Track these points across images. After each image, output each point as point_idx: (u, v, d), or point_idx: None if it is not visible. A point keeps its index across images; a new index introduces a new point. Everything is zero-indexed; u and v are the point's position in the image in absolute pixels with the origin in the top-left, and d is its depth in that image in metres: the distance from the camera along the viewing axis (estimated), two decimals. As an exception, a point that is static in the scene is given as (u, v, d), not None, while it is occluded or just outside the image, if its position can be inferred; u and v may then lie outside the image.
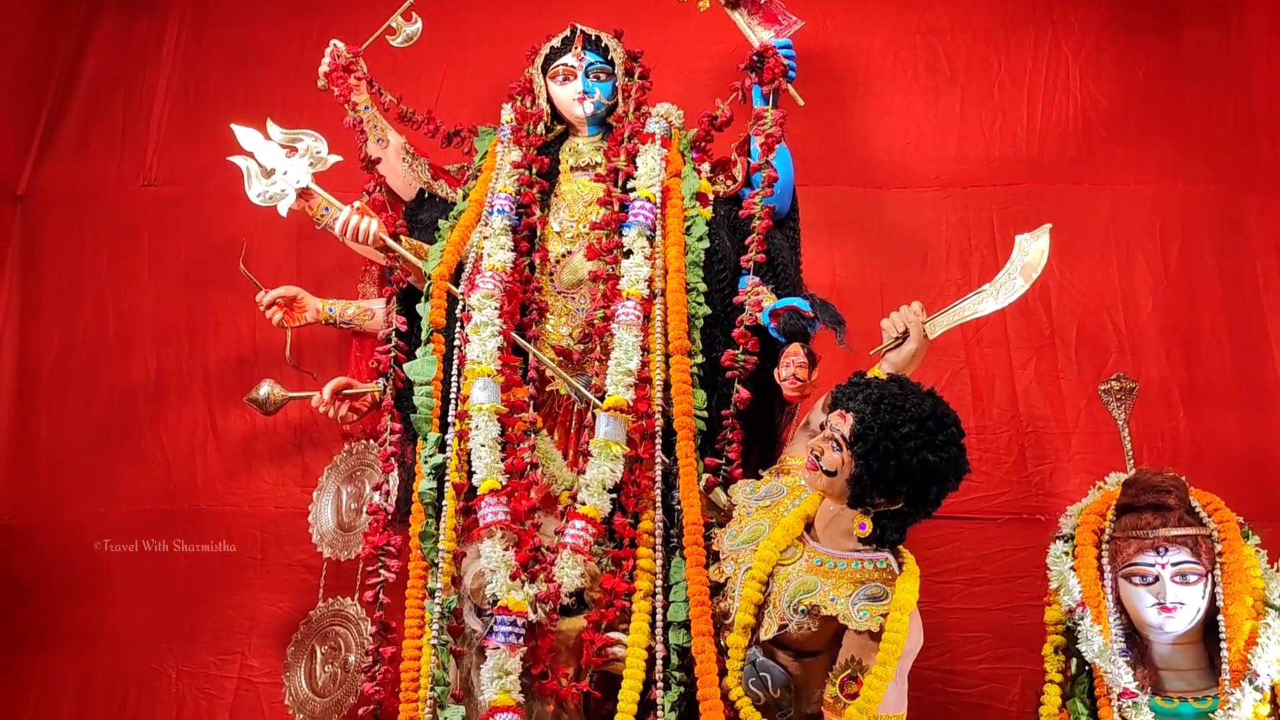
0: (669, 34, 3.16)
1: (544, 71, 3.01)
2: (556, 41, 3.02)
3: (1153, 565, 2.36)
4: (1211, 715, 2.29)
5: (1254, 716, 2.27)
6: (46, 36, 3.59)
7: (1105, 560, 2.43)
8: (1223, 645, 2.31)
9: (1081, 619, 2.39)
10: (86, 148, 3.57)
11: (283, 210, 2.84)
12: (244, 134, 2.85)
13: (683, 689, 2.41)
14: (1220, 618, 2.33)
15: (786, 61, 2.89)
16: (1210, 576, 2.37)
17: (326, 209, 2.84)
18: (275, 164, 2.87)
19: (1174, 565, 2.35)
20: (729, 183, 2.96)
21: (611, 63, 2.99)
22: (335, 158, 2.89)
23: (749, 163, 2.90)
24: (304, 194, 2.84)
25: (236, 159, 2.85)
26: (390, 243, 2.79)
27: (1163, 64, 3.48)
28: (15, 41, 3.46)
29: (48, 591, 3.25)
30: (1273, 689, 2.29)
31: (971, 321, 2.68)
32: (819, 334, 2.71)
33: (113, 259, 3.49)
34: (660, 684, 2.40)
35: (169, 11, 3.69)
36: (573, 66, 2.96)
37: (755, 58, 2.91)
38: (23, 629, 3.22)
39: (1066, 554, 2.48)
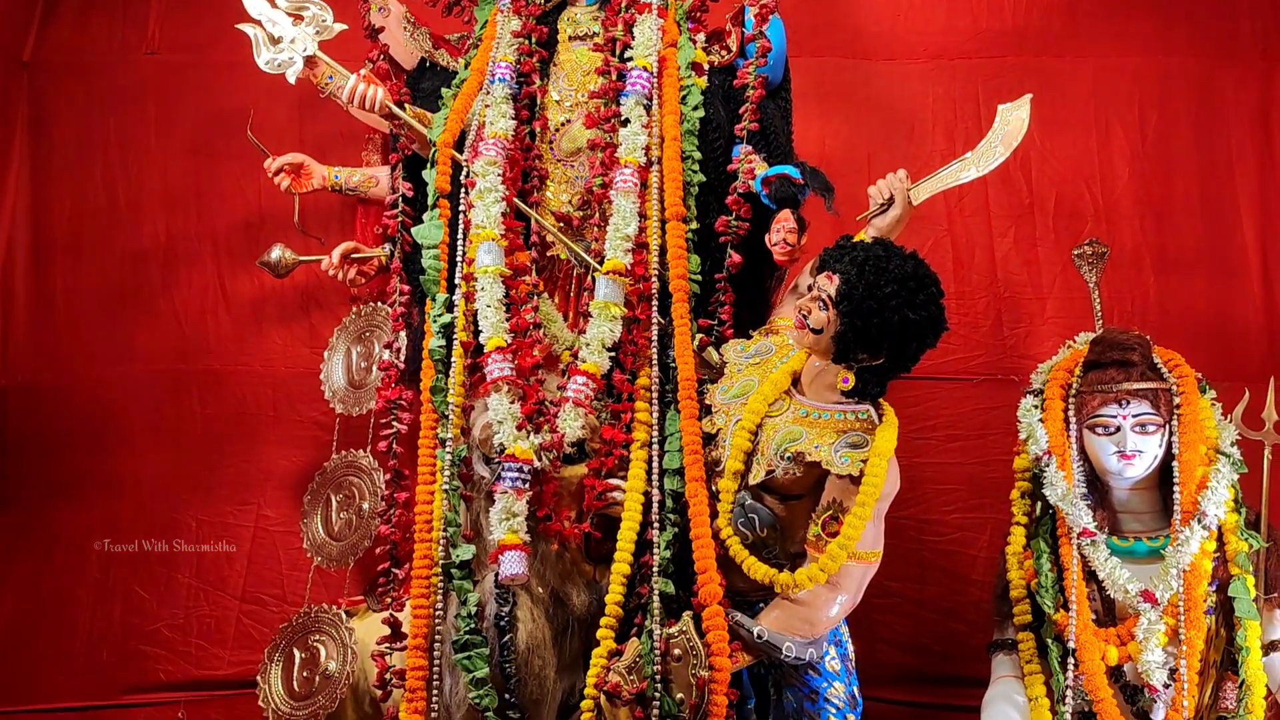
0: None
1: None
2: None
3: (1115, 416, 2.46)
4: (1163, 552, 2.39)
5: (1200, 552, 2.37)
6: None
7: (1071, 412, 2.52)
8: (1176, 489, 2.41)
9: (1047, 466, 2.49)
10: (89, 16, 3.53)
11: (291, 78, 2.83)
12: (252, 4, 2.83)
13: (676, 530, 2.48)
14: (1175, 464, 2.43)
15: None
16: (1168, 427, 2.46)
17: (331, 77, 2.86)
18: (282, 32, 2.83)
19: (1134, 416, 2.45)
20: (723, 53, 2.96)
21: None
22: (340, 26, 2.86)
23: (743, 33, 2.91)
24: (310, 62, 2.82)
25: (244, 26, 2.82)
26: (395, 110, 2.79)
27: None
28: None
29: (72, 446, 3.31)
30: (1219, 528, 2.40)
31: (954, 189, 2.74)
32: (808, 201, 2.75)
33: (120, 126, 3.47)
34: (656, 525, 2.48)
35: None
36: None
37: None
38: (50, 481, 3.29)
39: (1036, 407, 2.57)
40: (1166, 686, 2.36)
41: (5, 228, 3.44)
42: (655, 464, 2.54)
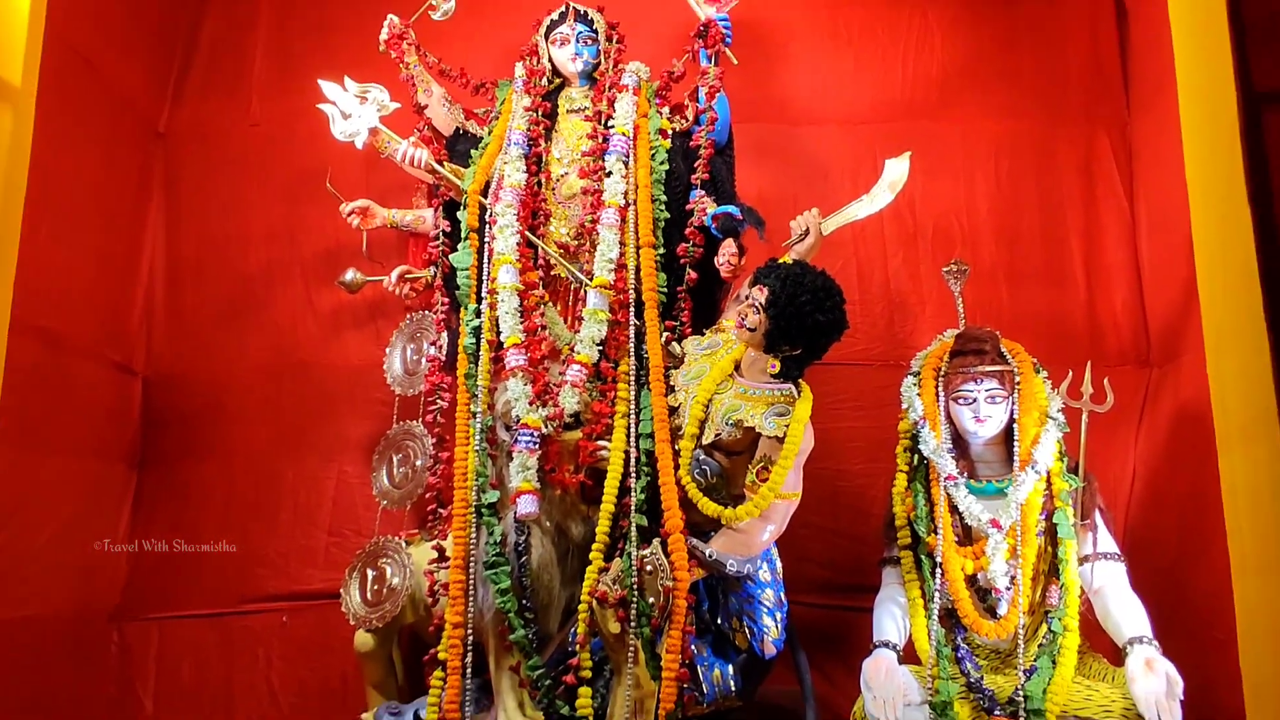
0: (638, 9, 3.13)
1: (546, 38, 2.98)
2: (555, 15, 2.99)
3: (972, 391, 2.47)
4: (1006, 491, 2.41)
5: (1033, 490, 2.40)
6: (172, 12, 3.54)
7: (940, 388, 2.51)
8: (1016, 444, 2.44)
9: (922, 428, 2.49)
10: (207, 97, 3.53)
11: (358, 144, 2.85)
12: (328, 87, 2.86)
13: (648, 478, 2.52)
14: (1016, 426, 2.46)
15: (724, 31, 2.90)
16: (1011, 399, 2.47)
17: (389, 143, 2.85)
18: (351, 110, 2.85)
19: (986, 391, 2.46)
20: (683, 121, 2.96)
21: (596, 31, 2.97)
22: (395, 104, 2.88)
23: (697, 106, 2.92)
24: (373, 132, 2.84)
25: (323, 106, 2.85)
26: (437, 167, 2.82)
27: (1002, 31, 3.44)
28: (150, 16, 3.43)
29: (198, 421, 3.32)
30: (1047, 475, 2.43)
31: (855, 222, 2.76)
32: (747, 232, 2.78)
33: (230, 180, 3.47)
34: (633, 475, 2.51)
35: None
36: (567, 34, 2.94)
37: (701, 28, 2.92)
38: (182, 447, 3.31)
39: (915, 384, 2.55)
40: (1008, 589, 2.40)
41: (147, 258, 3.44)
42: (633, 430, 2.57)
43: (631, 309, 2.69)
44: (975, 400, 2.49)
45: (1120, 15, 3.41)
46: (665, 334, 2.73)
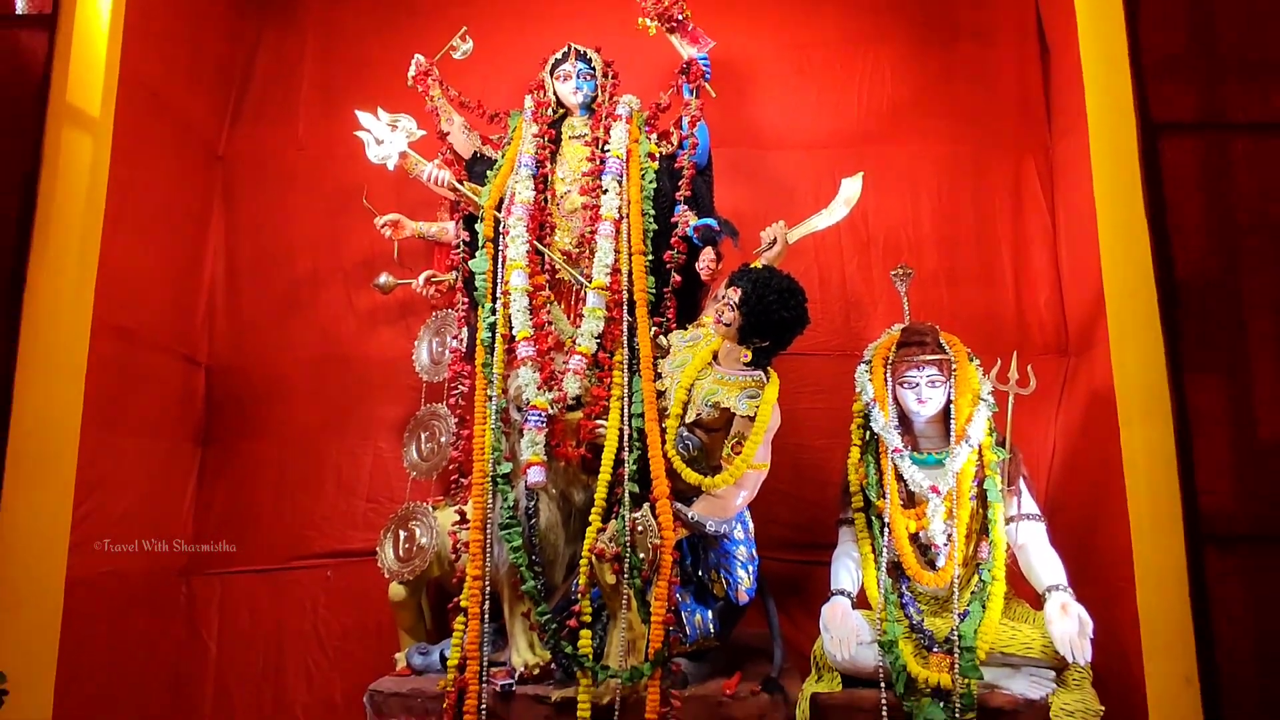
0: (630, 49, 3.10)
1: (551, 74, 2.98)
2: (559, 55, 2.98)
3: (915, 377, 2.49)
4: (944, 462, 2.44)
5: (967, 461, 2.44)
6: (229, 52, 3.55)
7: (888, 374, 2.54)
8: (953, 422, 2.48)
9: (873, 408, 2.53)
10: (259, 125, 3.52)
11: (390, 166, 2.84)
12: (364, 117, 2.85)
13: (640, 451, 2.52)
14: (952, 406, 2.49)
15: (704, 68, 2.90)
16: (949, 383, 2.50)
17: (417, 165, 2.85)
18: (383, 136, 2.84)
19: (928, 376, 2.49)
20: (669, 146, 2.94)
21: (594, 69, 2.97)
22: (421, 132, 2.87)
23: (681, 133, 2.91)
24: (403, 155, 2.83)
25: (360, 133, 2.84)
26: (457, 185, 2.81)
27: (943, 68, 3.43)
28: (210, 55, 3.43)
29: (255, 404, 3.32)
30: (978, 448, 2.46)
31: (817, 233, 2.77)
32: (724, 241, 2.79)
33: (280, 197, 3.46)
34: (627, 449, 2.52)
35: (307, 32, 3.58)
36: (569, 71, 2.94)
37: (684, 65, 2.92)
38: (240, 426, 3.31)
39: (866, 371, 2.58)
40: (945, 545, 2.43)
41: (209, 264, 3.44)
42: (626, 410, 2.58)
43: (625, 307, 2.70)
44: (918, 385, 2.51)
45: (1044, 55, 3.40)
46: (654, 329, 2.73)
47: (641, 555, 2.41)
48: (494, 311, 2.70)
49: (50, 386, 2.13)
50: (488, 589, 2.50)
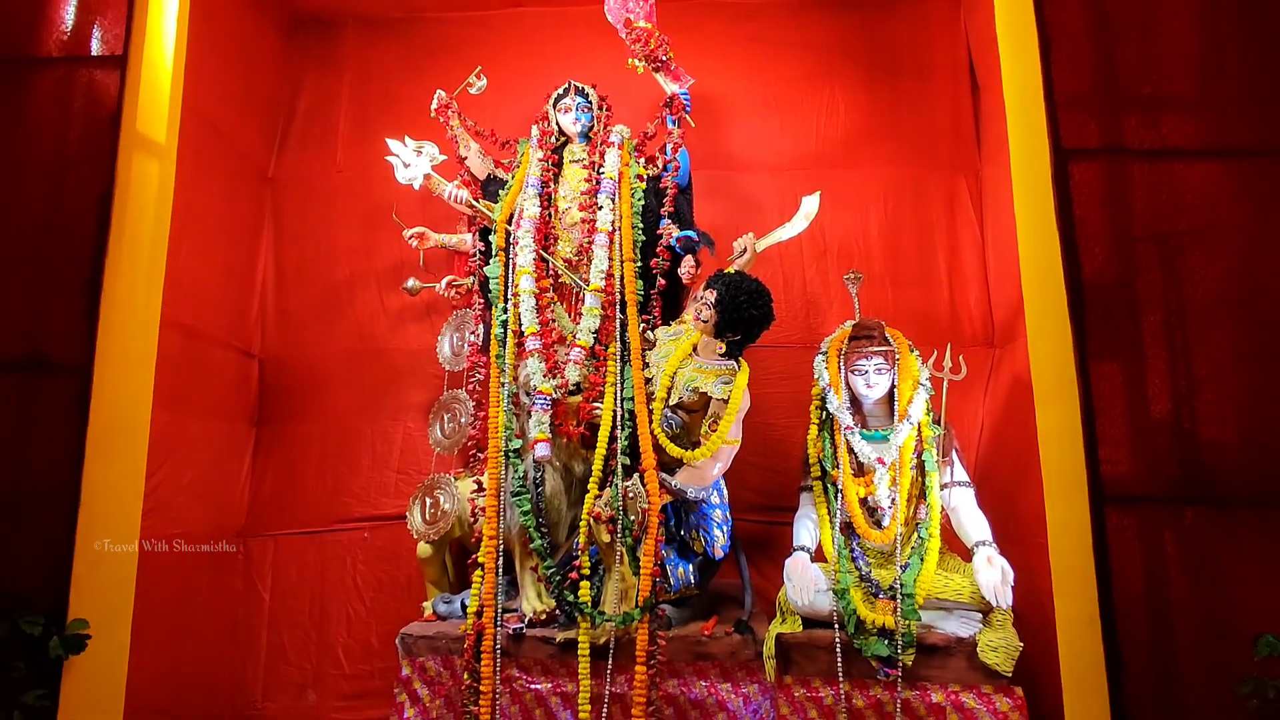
0: (621, 85, 3.07)
1: (554, 107, 2.95)
2: (560, 90, 2.95)
3: (864, 365, 2.50)
4: (889, 437, 2.43)
5: (908, 436, 2.44)
6: (277, 86, 3.52)
7: (842, 363, 2.53)
8: (896, 404, 2.47)
9: (828, 391, 2.52)
10: (304, 149, 3.49)
11: (416, 186, 2.85)
12: (393, 144, 2.86)
13: (631, 429, 2.51)
14: (896, 391, 2.49)
15: (685, 102, 2.87)
16: (893, 371, 2.49)
17: (439, 185, 2.85)
18: (410, 160, 2.86)
19: (875, 365, 2.49)
20: (654, 168, 2.91)
21: (591, 102, 2.94)
22: (443, 157, 2.89)
23: (665, 158, 2.89)
24: (426, 177, 2.84)
25: (389, 158, 2.85)
26: (474, 203, 2.82)
27: (888, 102, 3.41)
28: (261, 90, 3.42)
29: (301, 391, 3.29)
30: (918, 425, 2.46)
31: (781, 243, 2.75)
32: (701, 250, 2.79)
33: (322, 213, 3.43)
34: (620, 428, 2.50)
35: (344, 71, 3.55)
36: (569, 105, 2.92)
37: (668, 100, 2.88)
38: (288, 409, 3.28)
39: (823, 361, 2.57)
40: (889, 507, 2.44)
41: (260, 271, 3.41)
42: (618, 395, 2.57)
43: (618, 307, 2.69)
44: (867, 372, 2.51)
45: (974, 90, 3.40)
46: (642, 325, 2.72)
47: (632, 518, 2.42)
48: (505, 310, 2.70)
49: (125, 375, 2.14)
50: (501, 547, 2.51)
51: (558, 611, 2.48)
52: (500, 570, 2.48)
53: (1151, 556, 1.77)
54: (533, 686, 2.40)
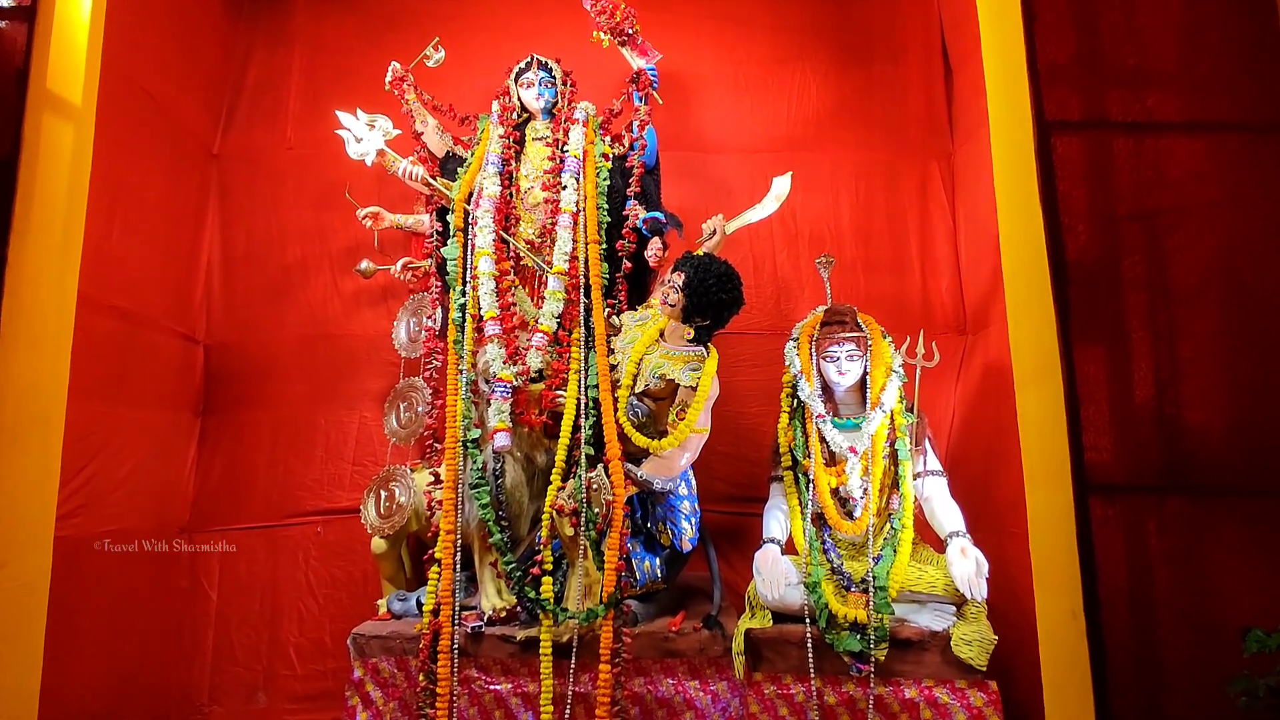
0: (586, 60, 2.97)
1: (515, 82, 2.86)
2: (522, 64, 2.86)
3: (836, 352, 2.43)
4: (861, 426, 2.38)
5: (881, 425, 2.39)
6: (224, 58, 3.34)
7: (813, 350, 2.47)
8: (869, 391, 2.42)
9: (800, 379, 2.45)
10: (252, 125, 3.32)
11: (368, 162, 2.74)
12: (344, 118, 2.74)
13: (595, 418, 2.43)
14: (868, 378, 2.43)
15: (652, 78, 2.80)
16: (865, 357, 2.44)
17: (394, 162, 2.75)
18: (362, 134, 2.74)
19: (847, 351, 2.43)
20: (621, 147, 2.83)
21: (554, 77, 2.85)
22: (397, 131, 2.77)
23: (631, 136, 2.81)
24: (380, 153, 2.72)
25: (340, 132, 2.72)
26: (430, 180, 2.72)
27: (860, 85, 3.35)
28: (206, 63, 3.22)
29: (250, 378, 3.14)
30: (890, 413, 2.41)
31: (751, 225, 2.68)
32: (670, 232, 2.70)
33: (272, 192, 3.27)
34: (584, 416, 2.42)
35: (295, 44, 3.38)
36: (532, 79, 2.83)
37: (635, 75, 2.81)
38: (237, 399, 3.13)
39: (794, 347, 2.51)
40: (861, 498, 2.38)
41: (206, 252, 3.23)
42: (583, 382, 2.49)
43: (582, 291, 2.60)
44: (839, 358, 2.46)
45: (947, 74, 3.35)
46: (607, 310, 2.64)
47: (597, 510, 2.33)
48: (464, 294, 2.59)
49: (35, 359, 1.93)
50: (459, 542, 2.41)
51: (518, 609, 2.40)
52: (458, 566, 2.38)
53: (1136, 548, 1.70)
54: (492, 687, 2.31)
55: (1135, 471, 1.72)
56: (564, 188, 2.70)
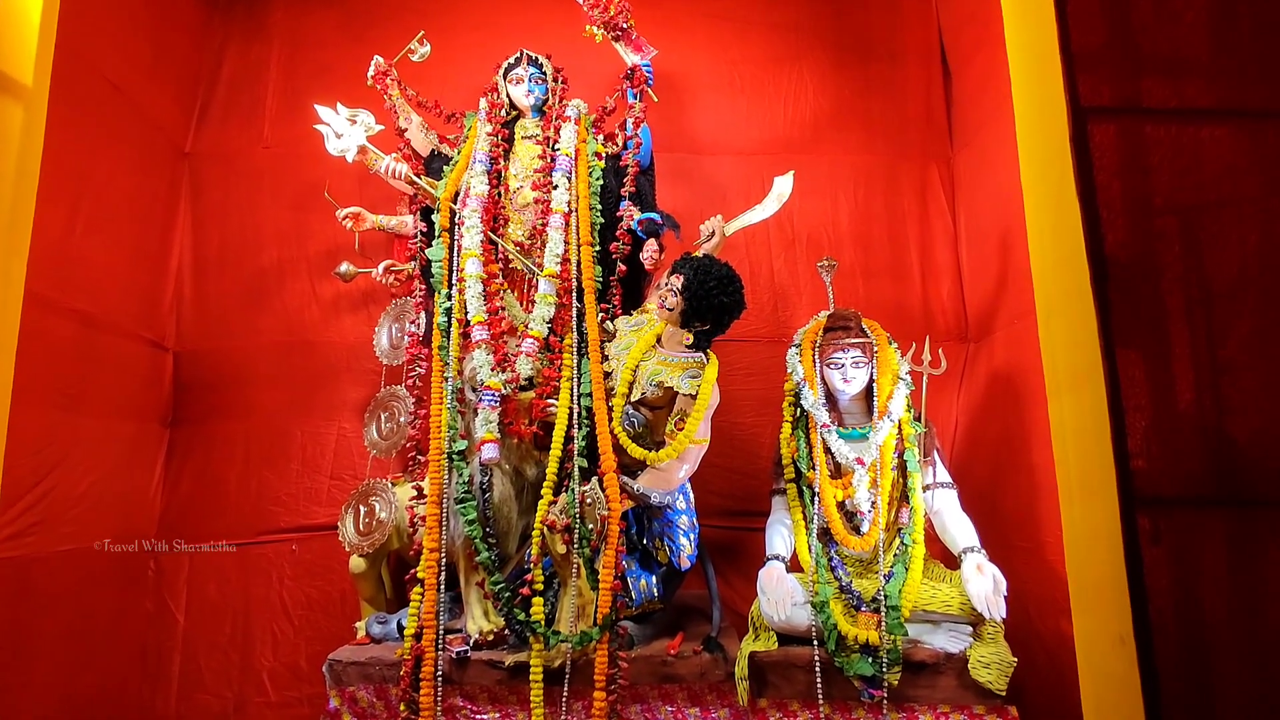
0: (579, 55, 2.84)
1: (504, 78, 2.71)
2: (511, 60, 2.71)
3: (841, 358, 2.32)
4: (868, 436, 2.26)
5: (888, 435, 2.26)
6: (197, 52, 3.16)
7: (816, 355, 2.36)
8: (875, 399, 2.29)
9: (803, 387, 2.33)
10: (227, 123, 3.14)
11: (349, 159, 2.56)
12: (324, 112, 2.57)
13: (588, 428, 2.30)
14: (874, 385, 2.31)
15: (647, 74, 2.67)
16: (871, 364, 2.32)
17: (376, 159, 2.59)
18: (343, 130, 2.56)
19: (852, 358, 2.32)
20: (614, 146, 2.71)
21: (545, 73, 2.72)
22: (379, 127, 2.60)
23: (625, 134, 2.69)
24: (361, 149, 2.56)
25: (319, 127, 2.56)
26: (414, 178, 2.57)
27: (859, 86, 3.25)
28: (176, 56, 3.05)
29: (222, 387, 2.95)
30: (899, 422, 2.29)
31: (750, 227, 2.57)
32: (666, 233, 2.58)
33: (247, 192, 3.09)
34: (576, 426, 2.29)
35: (273, 39, 3.20)
36: (521, 75, 2.69)
37: (629, 71, 2.68)
38: (208, 409, 2.94)
39: (796, 354, 2.40)
40: (869, 511, 2.24)
41: (176, 255, 3.04)
42: (575, 390, 2.35)
43: (574, 294, 2.46)
44: (844, 365, 2.34)
45: (946, 75, 3.27)
46: (601, 314, 2.50)
47: (590, 526, 2.18)
48: (450, 298, 2.43)
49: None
50: (444, 560, 2.24)
51: (507, 631, 2.24)
52: (442, 586, 2.23)
53: (1184, 565, 1.54)
54: (479, 717, 2.16)
55: (1183, 482, 1.57)
56: (555, 187, 2.56)
